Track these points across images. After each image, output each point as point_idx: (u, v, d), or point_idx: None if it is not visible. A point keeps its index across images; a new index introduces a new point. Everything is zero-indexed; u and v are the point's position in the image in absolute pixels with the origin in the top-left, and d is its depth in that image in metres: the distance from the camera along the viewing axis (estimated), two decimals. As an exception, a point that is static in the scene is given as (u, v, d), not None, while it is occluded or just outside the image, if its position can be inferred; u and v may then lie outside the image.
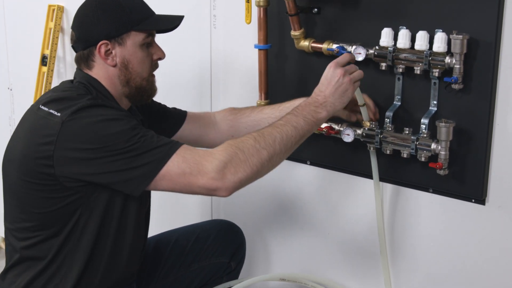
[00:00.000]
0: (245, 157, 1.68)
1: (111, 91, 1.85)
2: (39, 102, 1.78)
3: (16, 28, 3.23)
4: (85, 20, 1.83)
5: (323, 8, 2.06)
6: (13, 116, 3.37)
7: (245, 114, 2.12)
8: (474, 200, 1.92)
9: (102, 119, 1.69)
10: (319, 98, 1.83)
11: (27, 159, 1.72)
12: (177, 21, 1.91)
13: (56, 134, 1.67)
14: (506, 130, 1.83)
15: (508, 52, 1.78)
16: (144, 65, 1.86)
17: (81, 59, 1.85)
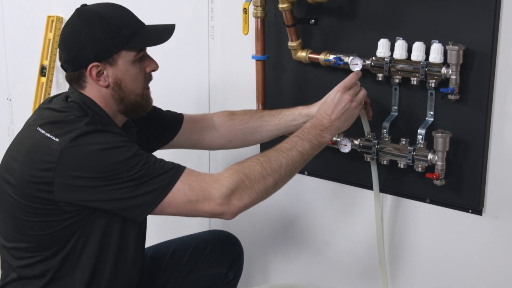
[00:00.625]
0: (251, 183, 1.69)
1: (106, 109, 1.79)
2: (36, 122, 1.73)
3: (15, 38, 3.24)
4: (72, 41, 1.75)
5: (320, 19, 2.07)
6: (12, 127, 3.38)
7: (243, 120, 2.09)
8: (471, 211, 1.92)
9: (103, 148, 1.65)
10: (325, 122, 1.82)
11: (26, 183, 1.68)
12: (167, 33, 1.85)
13: (55, 162, 1.63)
14: (503, 141, 1.83)
15: (504, 62, 1.79)
16: (138, 81, 1.80)
17: (72, 79, 1.80)
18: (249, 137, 2.09)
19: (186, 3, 2.47)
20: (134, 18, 1.82)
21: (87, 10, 1.77)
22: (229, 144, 2.14)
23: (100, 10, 1.76)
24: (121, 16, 1.78)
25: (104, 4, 1.81)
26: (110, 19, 1.74)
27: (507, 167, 1.85)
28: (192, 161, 2.59)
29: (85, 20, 1.74)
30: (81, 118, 1.71)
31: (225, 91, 2.43)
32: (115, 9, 1.80)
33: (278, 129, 2.04)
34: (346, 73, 1.99)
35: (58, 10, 2.98)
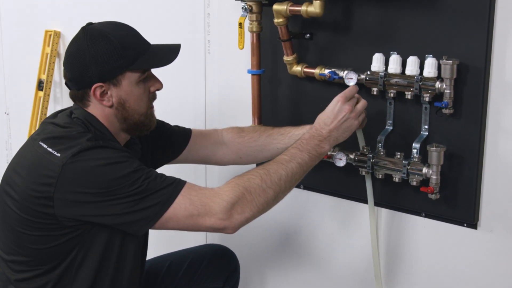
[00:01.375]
0: (251, 197, 1.69)
1: (109, 127, 1.79)
2: (39, 136, 1.73)
3: (13, 53, 3.25)
4: (77, 61, 1.74)
5: (315, 33, 2.08)
6: (10, 141, 3.38)
7: (253, 138, 2.09)
8: (466, 225, 1.92)
9: (104, 163, 1.65)
10: (324, 132, 1.83)
11: (27, 198, 1.68)
12: (173, 54, 1.84)
13: (56, 177, 1.64)
14: (497, 154, 1.84)
15: (498, 77, 1.79)
16: (142, 101, 1.80)
17: (76, 97, 1.80)
18: (259, 154, 2.09)
19: (183, 18, 2.48)
20: (139, 37, 1.81)
21: (92, 29, 1.76)
22: (239, 161, 2.14)
23: (105, 29, 1.75)
24: (127, 36, 1.77)
25: (109, 23, 1.80)
26: (115, 39, 1.73)
27: (501, 181, 1.85)
28: (189, 171, 2.60)
29: (90, 39, 1.74)
30: (83, 134, 1.71)
31: (222, 105, 2.44)
32: (121, 28, 1.80)
33: (287, 147, 2.00)
34: (341, 87, 2.01)
35: (56, 24, 3.00)
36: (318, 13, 1.93)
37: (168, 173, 2.12)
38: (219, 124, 2.43)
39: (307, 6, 1.95)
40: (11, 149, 3.37)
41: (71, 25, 2.95)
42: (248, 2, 2.05)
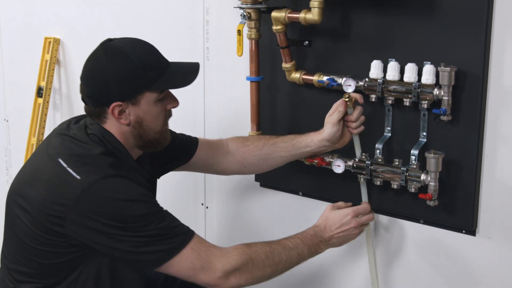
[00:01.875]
0: (252, 268, 1.77)
1: (124, 144, 1.79)
2: (57, 152, 1.72)
3: (12, 59, 3.26)
4: (96, 78, 1.73)
5: (313, 40, 2.09)
6: (9, 147, 3.38)
7: (257, 147, 2.09)
8: (465, 231, 1.92)
9: (124, 198, 1.66)
10: (326, 235, 1.92)
11: (41, 214, 1.68)
12: (192, 74, 1.85)
13: (74, 199, 1.64)
14: (495, 161, 1.84)
15: (496, 83, 1.80)
16: (158, 120, 1.81)
17: (93, 114, 1.79)
18: (263, 163, 2.10)
19: (182, 25, 2.49)
20: (159, 56, 1.80)
21: (113, 47, 1.75)
22: (243, 170, 2.15)
23: (125, 48, 1.74)
24: (147, 55, 1.76)
25: (129, 41, 1.79)
26: (136, 58, 1.72)
27: (500, 187, 1.86)
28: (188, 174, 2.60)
29: (111, 58, 1.72)
30: (104, 158, 1.71)
31: (220, 111, 2.44)
32: (140, 46, 1.78)
33: (292, 155, 2.06)
34: (340, 94, 2.01)
35: (56, 31, 3.00)
36: (317, 20, 1.93)
37: (168, 177, 2.14)
38: (217, 131, 2.44)
39: (305, 13, 1.95)
40: (11, 155, 3.37)
41: (70, 32, 2.96)
42: (246, 9, 2.05)
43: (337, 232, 1.92)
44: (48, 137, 1.87)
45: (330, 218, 1.94)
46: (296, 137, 2.05)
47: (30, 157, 1.89)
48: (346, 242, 1.96)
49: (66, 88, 3.05)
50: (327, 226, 1.93)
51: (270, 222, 2.40)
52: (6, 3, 3.20)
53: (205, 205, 2.59)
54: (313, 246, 1.90)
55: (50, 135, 1.88)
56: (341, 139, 1.98)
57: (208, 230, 2.60)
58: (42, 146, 1.84)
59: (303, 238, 1.90)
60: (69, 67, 3.00)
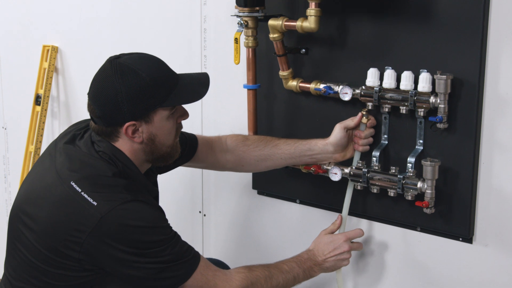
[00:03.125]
0: None
1: (135, 160, 1.78)
2: (68, 173, 1.69)
3: (10, 67, 3.26)
4: (108, 99, 1.70)
5: (310, 48, 2.09)
6: (7, 155, 3.38)
7: (258, 147, 2.09)
8: (462, 239, 1.92)
9: (140, 225, 1.66)
10: (319, 259, 1.96)
11: (52, 237, 1.67)
12: (203, 87, 1.83)
13: (91, 226, 1.63)
14: (491, 169, 1.84)
15: (492, 91, 1.80)
16: (171, 135, 1.80)
17: (103, 133, 1.76)
18: (262, 164, 2.10)
19: (180, 33, 2.49)
20: (168, 70, 1.78)
21: (122, 65, 1.71)
22: (240, 168, 2.15)
23: (135, 65, 1.71)
24: (157, 71, 1.74)
25: (137, 57, 1.76)
26: (146, 75, 1.70)
27: (496, 195, 1.86)
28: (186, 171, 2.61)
29: (121, 76, 1.69)
30: (117, 180, 1.70)
31: (218, 119, 2.44)
32: (150, 62, 1.76)
33: (292, 157, 2.05)
34: (337, 102, 2.02)
35: (54, 39, 3.01)
36: (313, 28, 1.94)
37: (166, 185, 2.14)
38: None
39: (302, 22, 1.96)
40: (9, 163, 3.37)
41: (69, 40, 2.97)
42: (244, 18, 2.06)
43: (330, 255, 1.96)
44: (53, 150, 1.82)
45: (322, 242, 1.98)
46: (300, 140, 2.05)
47: (35, 171, 1.84)
48: (339, 266, 1.99)
49: (64, 96, 3.05)
50: (320, 250, 1.97)
51: (267, 230, 2.40)
52: (5, 11, 3.21)
53: (203, 212, 2.59)
54: (307, 269, 1.94)
55: (55, 149, 1.83)
56: (344, 151, 1.99)
57: (205, 237, 2.60)
58: (49, 161, 1.79)
59: (298, 262, 1.93)
60: (67, 75, 3.01)
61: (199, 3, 2.40)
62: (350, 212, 2.12)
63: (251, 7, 2.04)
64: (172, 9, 2.50)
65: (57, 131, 3.12)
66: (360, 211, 2.08)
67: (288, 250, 2.35)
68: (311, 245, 2.00)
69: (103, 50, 2.80)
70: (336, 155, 2.00)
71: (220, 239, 2.57)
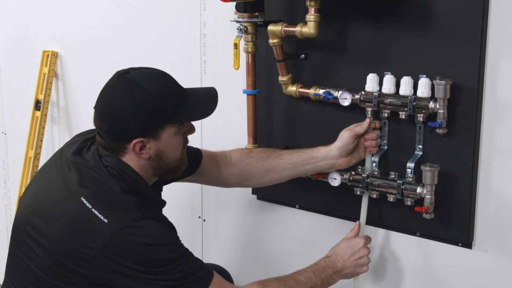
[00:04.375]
0: None
1: (143, 175, 1.76)
2: (78, 189, 1.67)
3: (10, 72, 3.26)
4: (116, 115, 1.68)
5: (310, 54, 2.09)
6: (7, 160, 3.38)
7: (261, 158, 2.08)
8: (461, 244, 1.93)
9: (152, 243, 1.64)
10: (338, 265, 1.92)
11: (62, 253, 1.64)
12: (212, 103, 1.83)
13: (101, 243, 1.61)
14: (491, 174, 1.85)
15: (491, 97, 1.81)
16: (178, 150, 1.79)
17: (110, 148, 1.74)
18: (266, 176, 2.08)
19: (180, 38, 2.50)
20: (177, 86, 1.77)
21: (131, 80, 1.69)
22: (245, 182, 2.14)
23: (144, 81, 1.69)
24: (166, 88, 1.72)
25: (146, 73, 1.74)
26: (155, 92, 1.68)
27: (496, 200, 1.86)
28: (184, 193, 2.61)
29: (130, 93, 1.67)
30: (128, 196, 1.69)
31: (217, 125, 2.45)
32: (159, 78, 1.74)
33: (295, 167, 2.03)
34: (336, 107, 2.03)
35: (54, 45, 3.01)
36: (313, 33, 1.94)
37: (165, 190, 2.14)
38: (214, 143, 2.44)
39: (301, 27, 1.96)
40: (9, 168, 3.37)
41: (68, 46, 2.97)
42: (243, 23, 2.06)
43: (350, 261, 1.92)
44: (59, 161, 1.80)
45: (341, 247, 1.94)
46: (302, 149, 2.04)
47: (40, 180, 1.81)
48: (358, 273, 1.95)
49: (64, 101, 3.05)
50: (339, 255, 1.93)
51: (267, 235, 2.40)
52: (4, 16, 3.21)
53: (202, 218, 2.59)
54: (325, 278, 1.89)
55: (61, 159, 1.80)
56: (350, 156, 1.97)
57: (205, 243, 2.60)
58: (55, 173, 1.77)
59: (316, 271, 1.89)
60: (67, 80, 3.01)
61: (199, 8, 2.40)
62: (347, 217, 2.13)
63: (251, 13, 2.05)
64: (172, 14, 2.51)
65: (57, 136, 3.12)
66: (359, 216, 2.08)
67: (288, 255, 2.35)
68: (330, 252, 1.96)
69: (103, 55, 2.81)
70: (340, 160, 1.97)
71: (220, 245, 2.57)
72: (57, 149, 1.91)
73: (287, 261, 2.36)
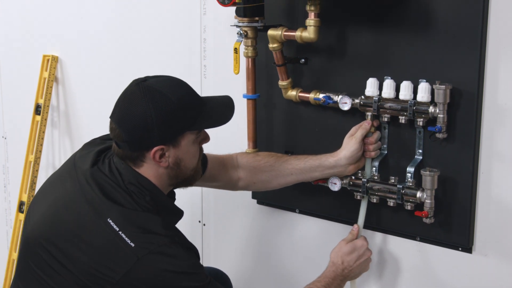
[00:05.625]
0: None
1: (160, 185, 1.75)
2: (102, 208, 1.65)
3: (11, 77, 3.27)
4: (136, 122, 1.65)
5: (310, 58, 2.10)
6: (7, 165, 3.39)
7: (268, 162, 2.07)
8: (461, 249, 1.92)
9: (176, 271, 1.63)
10: (346, 272, 1.94)
11: (86, 275, 1.62)
12: (229, 110, 1.83)
13: (127, 267, 1.60)
14: (491, 179, 1.85)
15: (491, 101, 1.81)
16: (195, 158, 1.78)
17: (128, 158, 1.71)
18: (272, 180, 2.08)
19: (180, 43, 2.50)
20: (194, 94, 1.76)
21: (151, 88, 1.68)
22: (252, 186, 2.13)
23: (164, 89, 1.68)
24: (185, 94, 1.72)
25: (164, 81, 1.73)
26: (175, 99, 1.67)
27: (496, 205, 1.86)
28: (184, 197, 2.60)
29: (151, 100, 1.65)
30: (153, 218, 1.67)
31: (217, 129, 2.43)
32: (177, 85, 1.73)
33: (302, 173, 2.03)
34: (336, 112, 2.03)
35: (54, 49, 3.02)
36: (312, 38, 1.94)
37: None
38: (214, 148, 2.44)
39: (301, 32, 1.97)
40: (9, 173, 3.37)
41: (69, 50, 2.98)
42: (243, 28, 2.07)
43: (357, 264, 1.94)
44: (74, 172, 1.78)
45: (346, 252, 1.94)
46: (310, 156, 2.03)
47: (54, 191, 1.77)
48: (361, 273, 1.97)
49: (64, 106, 3.06)
50: (345, 262, 1.93)
51: (267, 240, 2.40)
52: (5, 20, 3.22)
53: (202, 222, 2.59)
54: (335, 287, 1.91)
55: (76, 170, 1.78)
56: (358, 162, 1.97)
57: (205, 247, 2.60)
58: (71, 185, 1.74)
59: (325, 284, 1.89)
60: (67, 84, 3.02)
61: (199, 13, 2.41)
62: (347, 222, 2.13)
63: (251, 17, 2.05)
64: (172, 19, 2.51)
65: (57, 140, 3.12)
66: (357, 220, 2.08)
67: (288, 260, 2.35)
68: (333, 257, 1.95)
69: (103, 60, 2.81)
70: (350, 167, 1.97)
71: (220, 249, 2.57)
72: (57, 154, 1.91)
73: (287, 266, 2.36)
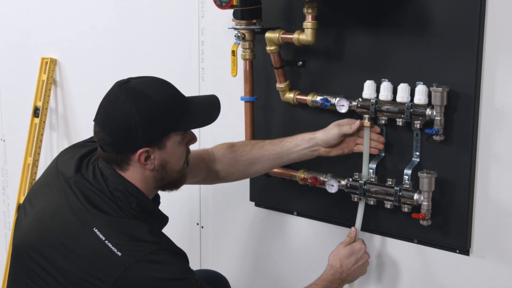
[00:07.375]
0: None
1: (145, 190, 1.71)
2: (90, 218, 1.62)
3: (9, 79, 3.27)
4: (120, 124, 1.62)
5: (307, 61, 2.10)
6: (6, 167, 3.39)
7: (244, 151, 2.06)
8: (459, 251, 1.93)
9: (165, 278, 1.60)
10: (344, 275, 1.93)
11: (74, 283, 1.60)
12: (215, 109, 1.80)
13: (115, 277, 1.57)
14: (488, 181, 1.85)
15: (487, 103, 1.81)
16: (181, 160, 1.75)
17: (114, 161, 1.68)
18: (250, 168, 2.07)
19: (178, 46, 2.50)
20: (179, 93, 1.73)
21: (133, 89, 1.64)
22: (231, 177, 2.11)
23: (147, 89, 1.65)
24: (168, 95, 1.68)
25: (148, 81, 1.70)
26: (159, 99, 1.64)
27: (493, 207, 1.86)
28: (182, 200, 2.61)
29: (134, 102, 1.62)
30: (140, 225, 1.65)
31: (215, 131, 2.45)
32: (161, 86, 1.70)
33: (279, 157, 2.02)
34: (333, 114, 2.03)
35: (52, 52, 3.02)
36: (310, 41, 1.95)
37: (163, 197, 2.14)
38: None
39: (299, 34, 1.97)
40: (7, 175, 3.37)
41: (67, 53, 2.98)
42: (241, 30, 2.07)
43: (355, 267, 1.93)
44: (58, 180, 1.74)
45: (344, 256, 1.94)
46: (286, 138, 2.03)
47: (40, 201, 1.75)
48: (360, 276, 1.97)
49: (62, 108, 3.06)
50: (344, 265, 1.93)
51: (265, 242, 2.40)
52: (4, 23, 3.22)
53: (200, 224, 2.59)
54: None
55: (59, 178, 1.75)
56: (330, 148, 1.98)
57: (203, 249, 2.60)
58: (57, 195, 1.71)
59: (323, 286, 1.90)
60: (66, 87, 3.02)
61: (197, 16, 2.41)
62: (345, 224, 2.13)
63: (248, 20, 2.05)
64: (170, 21, 2.52)
65: (55, 143, 3.12)
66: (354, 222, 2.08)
67: (286, 262, 2.35)
68: (332, 260, 1.94)
69: (101, 62, 2.81)
70: (322, 149, 1.98)
71: (218, 251, 2.57)
72: (55, 156, 1.90)
73: (285, 268, 2.36)
